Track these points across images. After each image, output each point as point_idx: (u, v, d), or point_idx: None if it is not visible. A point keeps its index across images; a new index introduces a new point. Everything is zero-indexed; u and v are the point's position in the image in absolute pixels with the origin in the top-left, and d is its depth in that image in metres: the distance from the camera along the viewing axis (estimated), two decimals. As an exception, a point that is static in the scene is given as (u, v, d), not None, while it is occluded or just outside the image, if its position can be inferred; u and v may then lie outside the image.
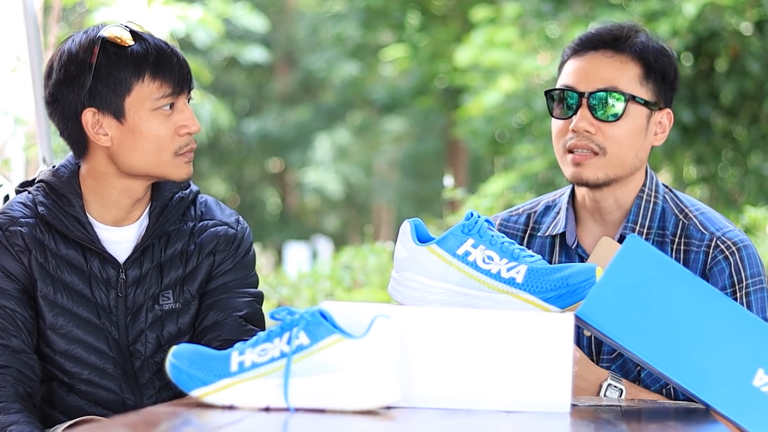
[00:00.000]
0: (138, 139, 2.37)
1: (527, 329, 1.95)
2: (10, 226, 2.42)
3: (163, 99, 2.37)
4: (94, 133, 2.38)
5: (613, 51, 2.54)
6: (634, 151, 2.53)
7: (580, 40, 2.59)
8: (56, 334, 2.42)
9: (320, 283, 5.63)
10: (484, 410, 1.93)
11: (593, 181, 2.52)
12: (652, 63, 2.54)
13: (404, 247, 2.07)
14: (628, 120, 2.52)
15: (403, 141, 18.57)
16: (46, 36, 5.99)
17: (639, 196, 2.56)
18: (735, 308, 2.03)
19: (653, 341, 1.99)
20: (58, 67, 2.38)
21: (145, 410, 1.89)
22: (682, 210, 2.57)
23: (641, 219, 2.54)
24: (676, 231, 2.54)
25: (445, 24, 14.31)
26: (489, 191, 8.00)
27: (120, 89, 2.35)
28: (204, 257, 2.48)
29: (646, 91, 2.54)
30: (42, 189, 2.45)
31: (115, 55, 2.36)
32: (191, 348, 1.92)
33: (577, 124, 2.51)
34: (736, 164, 8.22)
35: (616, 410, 2.11)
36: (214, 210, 2.53)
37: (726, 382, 1.99)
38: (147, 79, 2.36)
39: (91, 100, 2.36)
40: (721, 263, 2.49)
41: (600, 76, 2.52)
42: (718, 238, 2.51)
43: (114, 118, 2.37)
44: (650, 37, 2.58)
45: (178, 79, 2.38)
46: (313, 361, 1.85)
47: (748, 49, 7.64)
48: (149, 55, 2.36)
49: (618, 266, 2.00)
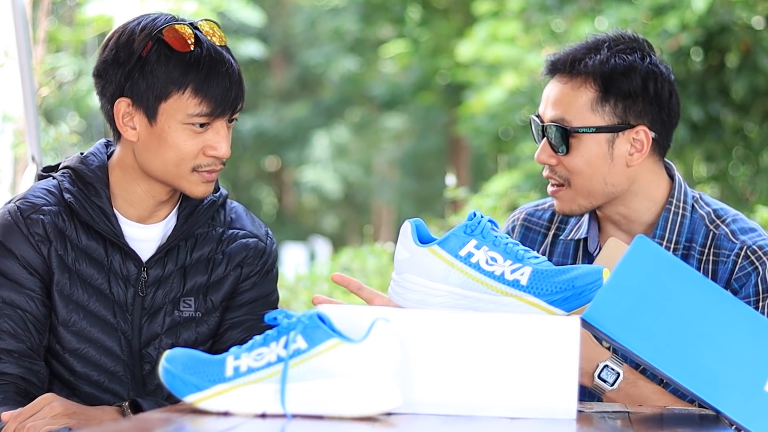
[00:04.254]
0: (162, 146, 2.33)
1: (532, 333, 1.92)
2: (32, 213, 2.37)
3: (197, 117, 2.31)
4: (123, 124, 2.35)
5: (569, 76, 2.49)
6: (600, 179, 2.47)
7: (546, 61, 2.55)
8: (68, 331, 2.37)
9: (318, 285, 5.61)
10: (487, 416, 1.91)
11: (569, 213, 2.52)
12: (609, 83, 2.46)
13: (405, 248, 2.06)
14: (580, 150, 2.46)
15: (404, 139, 18.57)
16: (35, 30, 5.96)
17: (666, 209, 2.51)
18: (746, 311, 2.00)
19: (662, 345, 1.96)
20: (113, 45, 2.35)
21: (137, 417, 1.91)
22: (713, 220, 2.51)
23: (668, 234, 2.50)
24: (706, 242, 2.50)
25: (446, 18, 14.31)
26: (492, 190, 7.97)
27: (159, 92, 2.31)
28: (232, 269, 2.45)
29: (602, 115, 2.46)
30: (69, 176, 2.41)
31: (165, 57, 2.31)
32: (185, 352, 1.90)
33: (538, 156, 2.51)
34: (747, 162, 8.20)
35: (623, 416, 2.10)
36: (244, 219, 2.51)
37: (737, 387, 1.97)
38: (188, 93, 2.30)
39: (129, 90, 2.33)
40: (750, 274, 2.44)
41: (553, 105, 2.49)
42: (748, 247, 2.46)
43: (145, 117, 2.33)
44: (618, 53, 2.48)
45: (221, 101, 2.31)
46: (311, 365, 1.83)
47: (759, 44, 7.60)
48: (199, 71, 2.30)
49: (626, 268, 1.98)
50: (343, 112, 18.63)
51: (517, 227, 2.67)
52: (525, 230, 2.67)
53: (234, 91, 2.33)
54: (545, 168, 2.51)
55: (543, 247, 2.63)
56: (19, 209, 2.37)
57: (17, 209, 2.37)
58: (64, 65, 7.12)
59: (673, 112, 2.52)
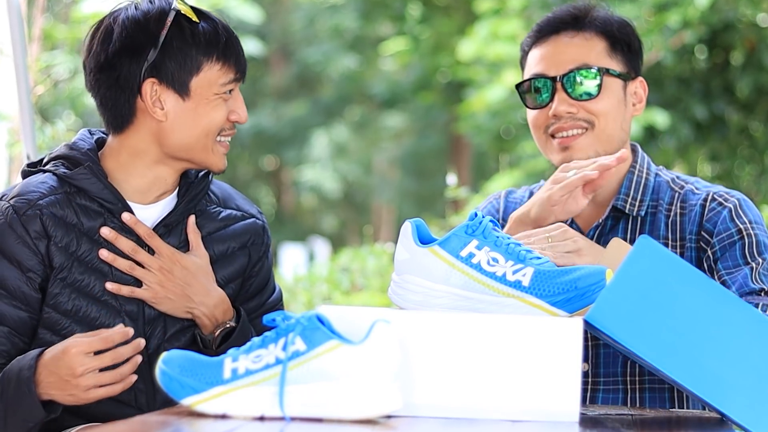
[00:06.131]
0: (197, 119, 2.36)
1: (534, 334, 1.91)
2: (28, 210, 2.34)
3: (228, 84, 2.38)
4: (152, 106, 2.36)
5: (575, 30, 2.59)
6: (618, 124, 2.58)
7: (539, 26, 2.63)
8: (74, 320, 2.35)
9: (317, 286, 5.61)
10: (488, 419, 1.90)
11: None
12: (617, 34, 2.60)
13: (405, 249, 2.05)
14: (607, 93, 2.57)
15: (404, 137, 18.55)
16: (30, 28, 5.95)
17: (630, 171, 2.60)
18: (751, 312, 1.99)
19: (666, 347, 1.95)
20: (120, 34, 2.34)
21: (134, 419, 1.87)
22: (677, 183, 2.60)
23: (633, 192, 2.57)
24: (673, 201, 2.57)
25: (447, 15, 14.28)
26: (493, 190, 7.95)
27: (189, 67, 2.35)
28: (237, 249, 2.47)
29: (617, 62, 2.59)
30: (62, 164, 2.40)
31: (189, 30, 2.35)
32: (182, 354, 1.89)
33: (557, 109, 2.56)
34: (752, 162, 8.20)
35: (626, 419, 2.09)
36: (235, 197, 2.54)
37: (741, 389, 1.95)
38: (216, 62, 2.36)
39: (154, 71, 2.34)
40: (721, 212, 2.51)
41: (568, 57, 2.57)
42: (714, 192, 2.55)
43: (176, 93, 2.35)
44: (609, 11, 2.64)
45: (242, 65, 2.40)
46: (310, 367, 1.82)
47: (764, 41, 7.58)
48: (220, 37, 2.37)
49: (629, 268, 1.96)
50: (342, 110, 18.61)
51: (501, 201, 2.73)
52: (507, 203, 2.72)
53: (244, 56, 2.42)
54: (555, 122, 2.55)
55: None
56: (13, 208, 2.34)
57: (11, 208, 2.34)
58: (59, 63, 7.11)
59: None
